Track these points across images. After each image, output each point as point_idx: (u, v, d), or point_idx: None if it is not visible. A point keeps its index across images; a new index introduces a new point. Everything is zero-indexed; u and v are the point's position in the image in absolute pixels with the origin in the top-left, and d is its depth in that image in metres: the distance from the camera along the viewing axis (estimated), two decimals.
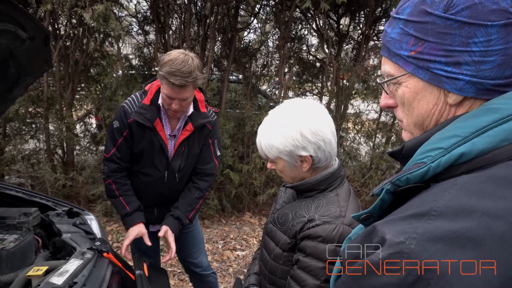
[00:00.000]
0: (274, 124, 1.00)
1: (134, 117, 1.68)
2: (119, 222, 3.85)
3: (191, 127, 1.73)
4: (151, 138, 1.72)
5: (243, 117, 4.25)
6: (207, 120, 1.76)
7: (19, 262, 1.51)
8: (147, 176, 1.82)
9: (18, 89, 1.67)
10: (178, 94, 1.55)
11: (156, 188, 1.84)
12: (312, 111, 0.98)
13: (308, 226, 0.94)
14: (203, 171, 1.86)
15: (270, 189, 4.09)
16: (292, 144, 0.96)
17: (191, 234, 2.04)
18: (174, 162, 1.78)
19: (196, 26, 4.85)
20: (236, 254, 3.35)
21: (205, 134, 1.80)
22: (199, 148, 1.82)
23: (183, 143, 1.76)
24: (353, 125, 5.20)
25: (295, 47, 5.36)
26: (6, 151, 4.21)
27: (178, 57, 1.51)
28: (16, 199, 1.88)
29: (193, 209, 1.85)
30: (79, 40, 4.26)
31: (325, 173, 1.02)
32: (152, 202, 1.90)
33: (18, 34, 1.32)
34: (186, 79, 1.49)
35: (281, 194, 1.21)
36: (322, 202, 0.98)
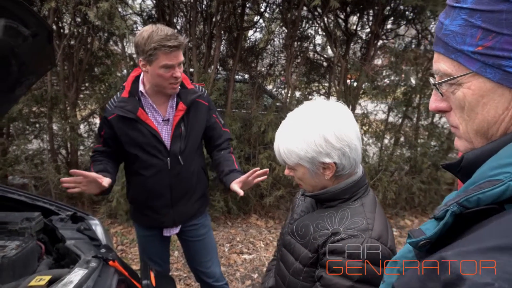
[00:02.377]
0: (294, 128, 0.92)
1: (117, 112, 1.63)
2: (123, 224, 3.80)
3: (183, 106, 1.67)
4: (139, 129, 1.65)
5: (250, 118, 4.17)
6: (197, 95, 1.70)
7: (21, 270, 1.44)
8: (149, 169, 1.73)
9: (21, 89, 1.60)
10: (177, 57, 1.53)
11: (163, 180, 1.74)
12: (336, 114, 0.90)
13: (332, 240, 0.86)
14: (221, 142, 1.85)
15: (277, 191, 4.01)
16: (315, 150, 0.88)
17: (203, 242, 1.92)
18: (174, 146, 1.70)
19: (202, 24, 4.78)
20: (243, 258, 3.28)
21: (203, 111, 1.75)
22: (201, 126, 1.77)
23: (179, 124, 1.69)
24: (361, 125, 5.11)
25: (302, 47, 5.28)
26: (10, 151, 4.16)
27: (154, 27, 1.50)
28: (18, 203, 1.82)
29: (234, 161, 1.81)
30: (83, 39, 4.20)
31: (349, 181, 0.94)
32: (166, 200, 1.79)
33: (20, 31, 1.25)
34: (179, 38, 1.50)
35: (298, 202, 1.13)
36: (346, 213, 0.90)
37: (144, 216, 1.90)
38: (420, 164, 4.47)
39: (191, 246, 1.91)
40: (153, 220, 1.88)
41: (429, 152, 4.41)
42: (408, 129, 4.91)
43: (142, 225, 1.93)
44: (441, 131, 4.75)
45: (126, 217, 3.76)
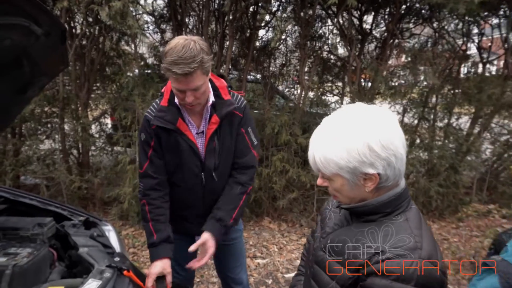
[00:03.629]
0: (333, 135, 0.83)
1: (155, 122, 1.53)
2: (135, 226, 3.75)
3: (216, 119, 1.53)
4: (178, 140, 1.56)
5: (263, 118, 4.09)
6: (233, 107, 1.54)
7: (32, 279, 1.39)
8: (185, 182, 1.65)
9: (33, 90, 1.55)
10: (187, 84, 1.36)
11: (197, 194, 1.67)
12: (381, 119, 0.82)
13: (377, 260, 0.77)
14: (241, 164, 1.64)
15: (291, 193, 3.92)
16: (358, 159, 0.80)
17: (234, 247, 1.83)
18: (208, 161, 1.59)
19: (214, 24, 4.72)
20: (257, 263, 3.20)
21: (235, 123, 1.59)
22: (232, 140, 1.62)
23: (212, 138, 1.56)
24: None
25: (315, 46, 5.18)
26: (22, 151, 4.14)
27: (178, 43, 1.33)
28: (30, 207, 1.77)
29: (236, 207, 1.62)
30: (95, 38, 4.17)
31: (391, 193, 0.85)
32: (198, 211, 1.71)
33: (32, 30, 1.19)
34: (189, 65, 1.30)
35: (329, 214, 1.04)
36: (390, 230, 0.81)
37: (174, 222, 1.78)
38: (438, 167, 4.34)
39: (222, 249, 1.81)
40: (183, 227, 1.80)
41: (446, 155, 4.27)
42: (424, 130, 4.77)
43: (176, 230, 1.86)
44: (460, 133, 4.61)
45: (138, 219, 3.71)
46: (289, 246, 3.54)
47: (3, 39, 1.13)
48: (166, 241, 1.58)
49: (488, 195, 4.68)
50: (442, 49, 4.84)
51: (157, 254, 1.56)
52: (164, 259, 1.56)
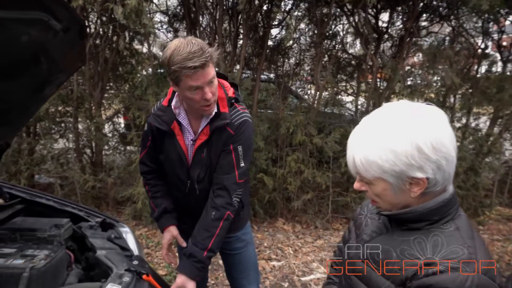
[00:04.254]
0: (376, 135, 0.76)
1: (151, 120, 1.51)
2: (148, 226, 3.72)
3: (207, 131, 1.45)
4: (170, 143, 1.51)
5: (277, 118, 4.03)
6: (224, 122, 1.43)
7: (50, 282, 1.35)
8: (173, 187, 1.63)
9: (50, 88, 1.51)
10: (205, 77, 1.30)
11: (183, 201, 1.63)
12: (429, 118, 0.74)
13: (427, 273, 0.71)
14: (218, 182, 1.49)
15: (306, 194, 3.85)
16: (405, 162, 0.73)
17: (239, 257, 1.75)
18: (193, 171, 1.52)
19: (227, 22, 4.67)
20: (272, 265, 3.14)
21: (224, 140, 1.47)
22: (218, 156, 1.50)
23: (201, 149, 1.48)
24: None
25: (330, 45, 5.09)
26: (36, 150, 4.15)
27: (178, 43, 1.29)
28: (46, 208, 1.74)
29: (212, 235, 1.43)
30: (108, 38, 4.15)
31: (439, 199, 0.78)
32: (191, 213, 1.65)
33: (51, 25, 1.15)
34: (203, 56, 1.26)
35: (364, 220, 0.97)
36: (440, 240, 0.74)
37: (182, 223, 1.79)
38: (457, 168, 4.21)
39: (227, 258, 1.77)
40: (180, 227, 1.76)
41: (466, 156, 4.15)
42: None
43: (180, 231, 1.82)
44: (479, 134, 4.48)
45: (151, 219, 3.68)
46: (305, 249, 3.47)
47: (21, 35, 1.09)
48: (165, 212, 1.63)
49: (508, 197, 4.53)
50: (460, 48, 4.72)
51: (162, 225, 1.63)
52: (169, 227, 1.62)
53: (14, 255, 1.36)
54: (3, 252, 1.38)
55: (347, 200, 3.96)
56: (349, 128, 3.98)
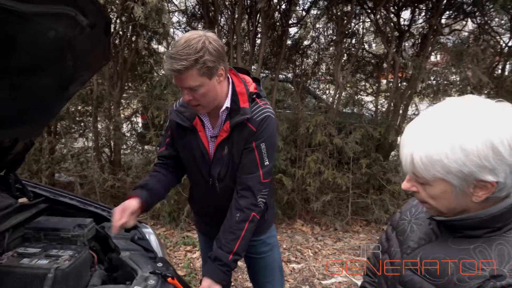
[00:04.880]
0: (443, 131, 0.68)
1: (173, 117, 1.47)
2: (166, 226, 3.71)
3: (227, 127, 1.39)
4: (192, 140, 1.47)
5: (296, 118, 3.96)
6: (244, 118, 1.37)
7: (74, 283, 1.32)
8: (195, 185, 1.60)
9: (74, 86, 1.49)
10: (181, 81, 1.25)
11: (205, 200, 1.59)
12: (505, 115, 0.66)
13: (495, 286, 0.64)
14: (243, 181, 1.43)
15: (325, 196, 3.77)
16: (476, 163, 0.65)
17: (264, 261, 1.68)
18: (214, 169, 1.47)
19: (246, 21, 4.63)
20: (292, 267, 3.08)
21: (245, 136, 1.40)
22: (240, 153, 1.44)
23: (221, 145, 1.43)
24: None
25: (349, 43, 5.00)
26: (57, 149, 4.20)
27: (185, 37, 1.23)
28: (69, 207, 1.72)
29: (237, 238, 1.38)
30: (128, 37, 4.17)
31: (502, 205, 0.70)
32: (213, 217, 1.60)
33: (78, 20, 1.12)
34: (182, 61, 1.18)
35: (409, 226, 0.89)
36: (506, 249, 0.67)
37: (202, 223, 1.78)
38: None
39: (251, 262, 1.72)
40: (202, 227, 1.78)
41: None
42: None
43: (201, 232, 1.80)
44: None
45: (169, 219, 3.68)
46: (324, 251, 3.40)
47: (48, 30, 1.07)
48: (144, 187, 1.48)
49: None
50: (485, 46, 4.56)
51: (131, 193, 1.47)
52: (132, 198, 1.43)
53: (39, 255, 1.35)
54: (28, 251, 1.37)
55: (368, 202, 3.87)
56: (370, 129, 3.90)
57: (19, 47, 1.08)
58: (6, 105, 1.27)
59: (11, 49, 1.06)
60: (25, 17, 0.95)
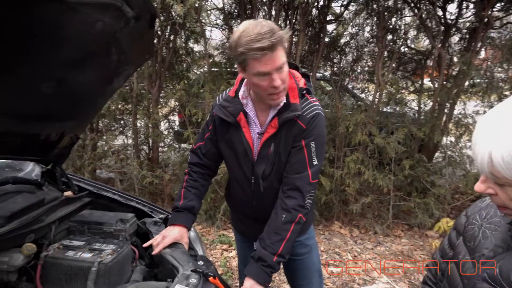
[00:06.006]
0: None
1: (216, 111, 1.42)
2: (202, 224, 3.72)
3: (276, 123, 1.33)
4: (235, 136, 1.42)
5: (335, 117, 3.84)
6: (294, 114, 1.31)
7: (116, 278, 1.32)
8: (237, 181, 1.53)
9: (118, 80, 1.49)
10: (273, 62, 1.18)
11: (248, 196, 1.52)
12: None
13: None
14: (290, 181, 1.36)
15: (365, 198, 3.62)
16: None
17: (301, 262, 1.62)
18: (258, 167, 1.41)
19: (283, 19, 4.56)
20: (330, 271, 2.97)
21: (294, 134, 1.35)
22: (288, 151, 1.38)
23: (268, 143, 1.37)
24: (456, 127, 4.47)
25: (391, 40, 4.79)
26: (99, 146, 4.34)
27: (247, 25, 1.19)
28: (112, 202, 1.74)
29: (282, 239, 1.32)
30: (166, 37, 4.23)
31: None
32: (252, 216, 1.58)
33: (124, 12, 1.11)
34: (272, 37, 1.14)
35: (480, 231, 0.79)
36: None
37: (234, 222, 1.77)
38: None
39: (289, 264, 1.65)
40: (240, 228, 1.74)
41: None
42: None
43: (238, 231, 1.75)
44: None
45: (206, 217, 3.68)
46: (364, 255, 3.26)
47: (96, 22, 1.06)
48: (189, 211, 1.48)
49: None
50: None
51: (176, 219, 1.46)
52: (182, 227, 1.44)
53: (83, 248, 1.36)
54: (73, 244, 1.38)
55: (410, 206, 3.68)
56: (413, 128, 3.70)
57: (68, 40, 1.07)
58: (53, 99, 1.29)
59: (60, 42, 1.06)
60: (74, 7, 0.94)
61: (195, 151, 1.56)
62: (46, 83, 1.20)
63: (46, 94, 1.24)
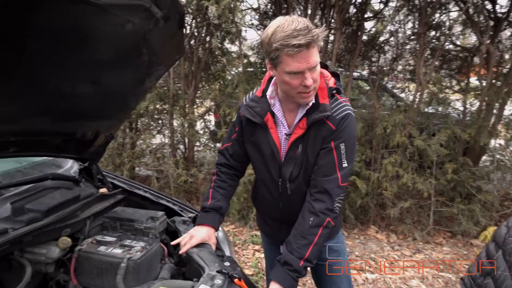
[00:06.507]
0: None
1: (243, 112, 1.40)
2: (235, 223, 3.74)
3: (304, 124, 1.30)
4: (262, 137, 1.39)
5: (372, 118, 3.71)
6: (324, 115, 1.27)
7: (144, 274, 1.34)
8: (262, 185, 1.51)
9: (150, 80, 1.52)
10: (307, 60, 1.15)
11: (271, 201, 1.50)
12: None
13: None
14: (319, 184, 1.32)
15: (404, 202, 3.46)
16: None
17: (330, 269, 1.55)
18: (285, 169, 1.38)
19: (319, 17, 4.48)
20: (365, 277, 2.87)
21: (323, 135, 1.30)
22: (316, 153, 1.34)
23: (295, 144, 1.34)
24: (506, 129, 4.16)
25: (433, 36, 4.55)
26: (137, 144, 4.49)
27: (283, 21, 1.14)
28: (143, 199, 1.78)
29: (309, 244, 1.28)
30: (202, 38, 4.29)
31: None
32: (277, 219, 1.55)
33: (153, 12, 1.12)
34: (308, 35, 1.11)
35: None
36: None
37: (265, 224, 1.72)
38: None
39: (317, 270, 1.59)
40: (266, 230, 1.71)
41: None
42: None
43: (264, 233, 1.73)
44: None
45: (238, 217, 3.69)
46: (402, 262, 3.12)
47: (126, 23, 1.08)
48: (217, 211, 1.48)
49: None
50: None
51: (204, 219, 1.46)
52: (210, 227, 1.44)
53: (114, 244, 1.39)
54: (105, 240, 1.43)
55: (453, 212, 3.47)
56: (457, 130, 3.49)
57: (100, 41, 1.11)
58: (88, 99, 1.33)
59: (92, 43, 1.09)
60: (104, 9, 0.97)
61: (223, 152, 1.57)
62: (81, 84, 1.25)
63: (82, 94, 1.29)
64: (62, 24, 0.95)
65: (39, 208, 1.32)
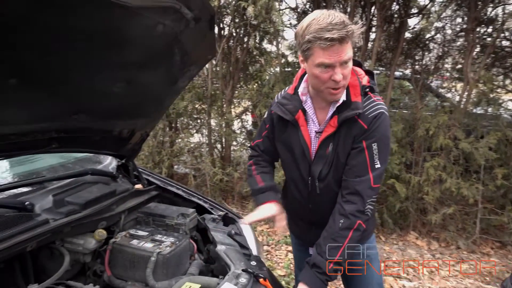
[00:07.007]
0: None
1: (274, 109, 1.40)
2: (269, 223, 3.73)
3: (335, 122, 1.27)
4: (293, 134, 1.37)
5: (414, 119, 3.55)
6: (355, 113, 1.23)
7: (173, 269, 1.38)
8: (291, 184, 1.49)
9: (183, 81, 1.56)
10: (339, 54, 1.12)
11: (300, 200, 1.47)
12: None
13: None
14: (350, 185, 1.28)
15: (447, 208, 3.28)
16: None
17: (360, 276, 1.51)
18: (314, 167, 1.35)
19: (359, 15, 4.36)
20: (402, 284, 2.75)
21: (354, 134, 1.27)
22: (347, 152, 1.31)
23: (326, 142, 1.31)
24: None
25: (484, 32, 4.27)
26: (176, 143, 4.63)
27: (319, 14, 1.12)
28: (176, 196, 1.83)
29: (339, 247, 1.26)
30: (240, 38, 4.34)
31: None
32: (307, 217, 1.52)
33: (183, 14, 1.15)
34: (343, 30, 1.09)
35: None
36: None
37: (294, 225, 1.69)
38: None
39: (347, 275, 1.55)
40: (295, 230, 1.67)
41: None
42: None
43: (293, 234, 1.71)
44: None
45: None
46: (443, 272, 2.95)
47: (156, 24, 1.11)
48: (273, 189, 1.46)
49: None
50: None
51: (265, 198, 1.43)
52: (272, 202, 1.42)
53: (146, 238, 1.45)
54: (138, 234, 1.48)
55: (503, 220, 3.23)
56: (510, 132, 3.24)
57: (132, 43, 1.15)
58: (123, 99, 1.39)
59: (125, 45, 1.14)
60: (136, 11, 1.00)
61: (254, 148, 1.58)
62: (116, 83, 1.31)
63: (118, 93, 1.35)
64: (96, 27, 0.99)
65: (77, 201, 1.40)
